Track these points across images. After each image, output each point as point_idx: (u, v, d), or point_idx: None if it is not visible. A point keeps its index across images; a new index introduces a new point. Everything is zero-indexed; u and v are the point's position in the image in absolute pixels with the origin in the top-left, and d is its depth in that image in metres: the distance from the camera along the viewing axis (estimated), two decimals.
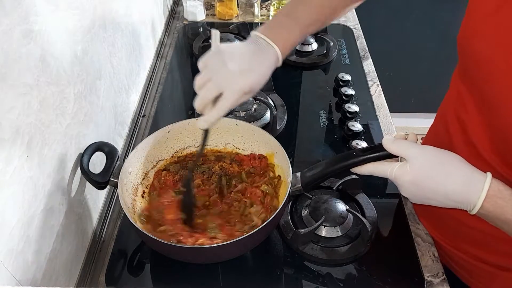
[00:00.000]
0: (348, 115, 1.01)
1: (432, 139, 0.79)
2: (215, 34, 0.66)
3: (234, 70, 0.62)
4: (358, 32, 1.38)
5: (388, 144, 0.60)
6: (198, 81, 0.64)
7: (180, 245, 0.67)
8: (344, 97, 1.06)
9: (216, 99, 0.63)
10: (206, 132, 0.69)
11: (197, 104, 0.64)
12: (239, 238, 0.63)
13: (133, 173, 0.77)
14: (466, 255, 0.75)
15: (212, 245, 0.65)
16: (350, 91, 1.06)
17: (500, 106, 0.56)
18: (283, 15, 0.71)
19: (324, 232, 0.76)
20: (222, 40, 0.67)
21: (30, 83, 0.56)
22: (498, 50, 0.55)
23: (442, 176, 0.56)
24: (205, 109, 0.64)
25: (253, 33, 0.68)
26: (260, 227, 0.64)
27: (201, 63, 0.65)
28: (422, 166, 0.57)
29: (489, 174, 0.56)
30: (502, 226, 0.57)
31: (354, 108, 1.01)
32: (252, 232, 0.63)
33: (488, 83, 0.57)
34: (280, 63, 0.68)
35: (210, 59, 0.65)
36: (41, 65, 0.59)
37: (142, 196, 0.78)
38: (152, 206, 0.76)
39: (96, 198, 0.81)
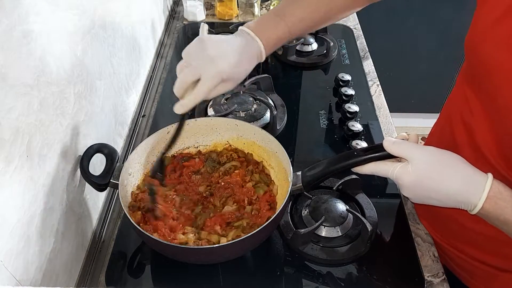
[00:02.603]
0: (348, 115, 1.01)
1: (436, 140, 0.79)
2: (203, 26, 0.68)
3: (212, 56, 0.64)
4: (358, 32, 1.38)
5: (389, 145, 0.60)
6: (178, 66, 0.66)
7: (180, 246, 0.67)
8: (344, 97, 1.06)
9: (195, 86, 0.64)
10: (182, 117, 0.69)
11: (176, 88, 0.65)
12: (240, 238, 0.63)
13: (133, 174, 0.77)
14: (466, 256, 0.75)
15: (212, 246, 0.66)
16: (350, 91, 1.06)
17: (509, 111, 0.56)
18: (272, 12, 0.73)
19: (324, 232, 0.76)
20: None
21: (30, 83, 0.56)
22: (508, 55, 0.54)
23: (444, 177, 0.57)
24: (184, 94, 0.65)
25: (240, 27, 0.70)
26: (261, 227, 0.64)
27: (184, 51, 0.67)
28: (423, 167, 0.57)
29: (490, 175, 0.56)
30: (502, 227, 0.57)
31: (354, 108, 1.01)
32: (253, 232, 0.63)
33: (498, 88, 0.57)
34: (263, 58, 0.70)
35: (192, 47, 0.66)
36: (41, 65, 0.59)
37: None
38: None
39: (96, 199, 0.81)
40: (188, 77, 0.64)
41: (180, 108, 0.65)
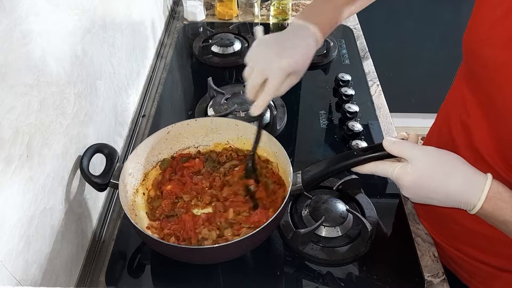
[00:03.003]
0: (348, 115, 1.01)
1: (435, 140, 0.79)
2: (258, 29, 0.71)
3: (273, 54, 0.65)
4: (358, 32, 1.38)
5: (389, 145, 0.60)
6: (245, 73, 0.68)
7: (180, 246, 0.67)
8: (344, 97, 1.06)
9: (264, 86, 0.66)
10: (259, 118, 0.73)
11: (248, 93, 0.68)
12: (240, 238, 0.63)
13: (133, 174, 0.77)
14: (466, 256, 0.75)
15: (212, 246, 0.66)
16: (350, 91, 1.06)
17: (508, 112, 0.56)
18: None
19: (324, 232, 0.76)
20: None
21: (30, 83, 0.56)
22: (508, 55, 0.54)
23: (443, 177, 0.57)
24: (256, 96, 0.67)
25: (292, 19, 0.72)
26: (261, 227, 0.64)
27: (246, 58, 0.69)
28: (423, 167, 0.57)
29: (489, 175, 0.56)
30: (501, 227, 0.57)
31: (354, 108, 1.01)
32: (253, 232, 0.63)
33: (497, 89, 0.57)
34: (320, 42, 0.71)
35: (252, 52, 0.69)
36: (41, 65, 0.59)
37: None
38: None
39: (96, 198, 0.81)
40: (256, 80, 0.66)
41: (255, 109, 0.67)
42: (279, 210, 0.66)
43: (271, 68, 0.65)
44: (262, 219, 0.71)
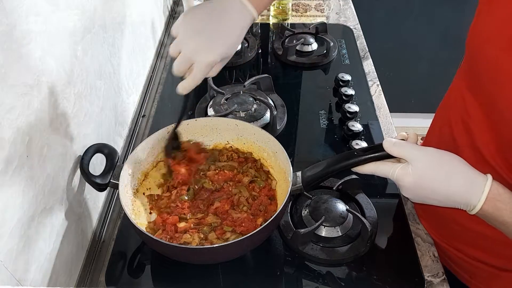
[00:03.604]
0: (348, 115, 1.01)
1: (435, 140, 0.79)
2: None
3: (202, 41, 0.62)
4: (358, 32, 1.38)
5: (389, 146, 0.60)
6: (171, 49, 0.64)
7: (180, 246, 0.67)
8: (344, 97, 1.06)
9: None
10: (186, 98, 0.70)
11: (174, 70, 0.64)
12: (240, 238, 0.63)
13: (133, 174, 0.77)
14: (466, 256, 0.75)
15: (212, 246, 0.66)
16: (350, 91, 1.06)
17: (510, 113, 0.56)
18: None
19: (324, 232, 0.76)
20: None
21: (30, 83, 0.56)
22: (511, 56, 0.54)
23: (443, 178, 0.57)
24: (183, 73, 0.64)
25: None
26: (261, 227, 0.64)
27: (173, 29, 0.64)
28: (423, 168, 0.57)
29: (489, 176, 0.56)
30: (500, 228, 0.57)
31: (354, 108, 1.01)
32: (253, 232, 0.63)
33: (499, 89, 0.57)
34: (256, 19, 0.66)
35: (180, 27, 0.63)
36: (41, 65, 0.59)
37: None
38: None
39: (96, 198, 0.81)
40: (184, 66, 0.63)
41: (182, 90, 0.65)
42: (279, 210, 0.66)
43: (199, 59, 0.62)
44: (250, 227, 0.71)
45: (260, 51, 1.29)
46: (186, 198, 0.77)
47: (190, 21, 0.63)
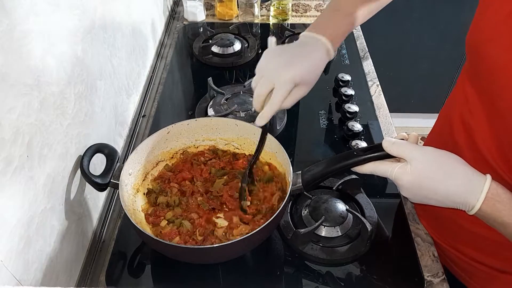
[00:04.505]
0: (348, 115, 1.01)
1: (436, 140, 0.79)
2: (271, 39, 0.71)
3: (281, 63, 0.65)
4: (358, 32, 1.38)
5: (388, 146, 0.60)
6: (253, 82, 0.67)
7: (180, 246, 0.67)
8: (344, 97, 1.06)
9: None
10: (264, 129, 0.72)
11: (254, 102, 0.67)
12: (240, 238, 0.63)
13: (134, 174, 0.77)
14: (465, 257, 0.75)
15: (212, 246, 0.66)
16: (350, 91, 1.06)
17: (509, 114, 0.56)
18: (327, 9, 0.74)
19: (324, 232, 0.77)
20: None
21: (30, 83, 0.56)
22: (511, 56, 0.54)
23: (442, 177, 0.57)
24: (262, 107, 0.67)
25: (301, 34, 0.71)
26: (261, 227, 0.64)
27: (257, 67, 0.68)
28: (422, 167, 0.57)
29: (488, 176, 0.56)
30: (499, 228, 0.57)
31: (354, 108, 1.01)
32: (253, 232, 0.63)
33: (501, 89, 0.57)
34: (332, 54, 0.71)
35: (261, 61, 0.68)
36: (41, 65, 0.59)
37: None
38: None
39: (96, 198, 0.81)
40: (263, 88, 0.65)
41: (260, 120, 0.67)
42: (279, 210, 0.66)
43: (278, 77, 0.64)
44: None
45: (260, 51, 1.29)
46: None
47: (270, 56, 0.68)
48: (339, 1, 0.75)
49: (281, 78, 0.64)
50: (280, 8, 1.39)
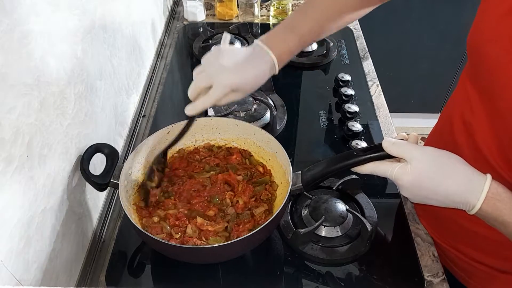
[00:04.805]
0: (348, 115, 1.01)
1: (436, 140, 0.79)
2: (225, 36, 0.71)
3: (225, 66, 0.67)
4: (358, 32, 1.38)
5: (388, 146, 0.60)
6: (194, 71, 0.70)
7: (180, 246, 0.67)
8: (344, 97, 1.06)
9: (208, 91, 0.68)
10: (191, 119, 0.72)
11: (190, 91, 0.69)
12: (240, 238, 0.63)
13: (133, 174, 0.77)
14: (465, 257, 0.75)
15: (212, 245, 0.66)
16: (350, 91, 1.07)
17: (509, 113, 0.56)
18: (282, 25, 0.75)
19: (324, 232, 0.77)
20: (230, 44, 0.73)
21: (30, 83, 0.56)
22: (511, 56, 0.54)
23: (442, 177, 0.57)
24: (197, 98, 0.69)
25: (255, 41, 0.72)
26: (261, 227, 0.64)
27: (203, 57, 0.71)
28: (422, 167, 0.57)
29: (488, 176, 0.56)
30: (500, 228, 0.57)
31: (354, 108, 1.01)
32: (253, 232, 0.63)
33: (501, 89, 0.56)
34: (276, 71, 0.72)
35: (210, 55, 0.70)
36: (41, 66, 0.59)
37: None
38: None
39: (96, 198, 0.81)
40: (202, 82, 0.68)
41: (191, 110, 0.69)
42: (279, 210, 0.66)
43: (219, 79, 0.66)
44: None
45: None
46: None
47: (219, 53, 0.69)
48: (294, 21, 0.74)
49: (222, 81, 0.66)
50: (280, 8, 1.39)
